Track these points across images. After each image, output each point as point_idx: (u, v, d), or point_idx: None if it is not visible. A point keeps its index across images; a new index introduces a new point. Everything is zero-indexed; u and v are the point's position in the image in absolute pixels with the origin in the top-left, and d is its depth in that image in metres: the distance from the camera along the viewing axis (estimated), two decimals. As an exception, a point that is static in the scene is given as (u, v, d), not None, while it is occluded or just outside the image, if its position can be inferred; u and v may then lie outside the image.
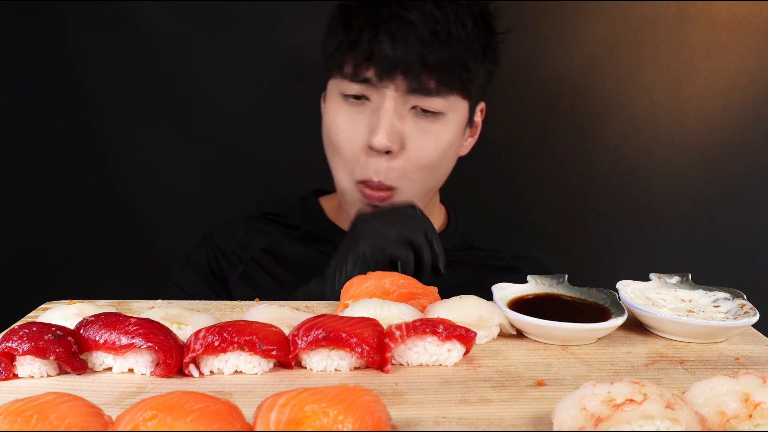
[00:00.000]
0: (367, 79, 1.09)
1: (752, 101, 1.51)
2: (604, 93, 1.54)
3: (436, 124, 1.13)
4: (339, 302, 0.93)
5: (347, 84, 1.11)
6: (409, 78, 1.08)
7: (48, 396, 0.60)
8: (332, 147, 1.15)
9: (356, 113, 1.12)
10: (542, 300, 0.92)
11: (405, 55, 1.06)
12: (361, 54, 1.08)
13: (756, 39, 1.48)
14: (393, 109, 1.09)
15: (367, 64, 1.08)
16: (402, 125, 1.10)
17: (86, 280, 1.58)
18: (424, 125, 1.12)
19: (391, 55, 1.06)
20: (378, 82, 1.09)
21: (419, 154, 1.12)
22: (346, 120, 1.13)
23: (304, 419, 0.58)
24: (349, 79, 1.10)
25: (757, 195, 1.55)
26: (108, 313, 0.77)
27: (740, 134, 1.52)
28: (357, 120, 1.12)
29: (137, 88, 1.51)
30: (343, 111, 1.13)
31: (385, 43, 1.06)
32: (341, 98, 1.13)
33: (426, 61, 1.07)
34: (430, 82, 1.09)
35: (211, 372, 0.75)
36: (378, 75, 1.08)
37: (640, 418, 0.57)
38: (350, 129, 1.12)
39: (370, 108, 1.11)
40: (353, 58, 1.09)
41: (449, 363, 0.78)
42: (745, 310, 0.86)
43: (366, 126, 1.11)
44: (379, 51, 1.06)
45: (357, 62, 1.09)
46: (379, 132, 1.08)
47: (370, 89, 1.10)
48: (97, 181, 1.54)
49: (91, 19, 1.46)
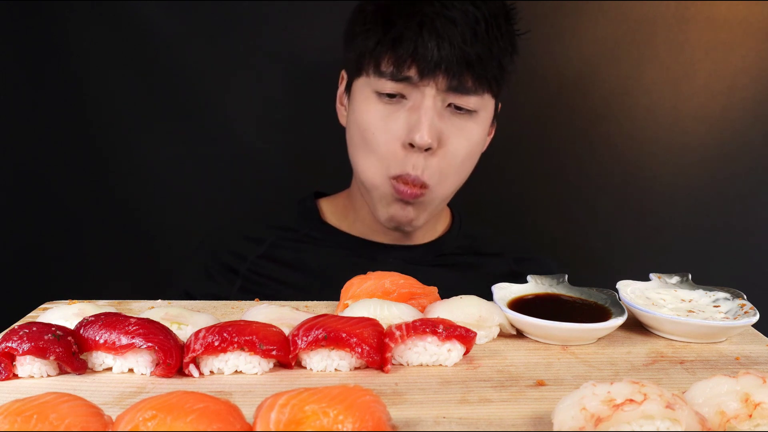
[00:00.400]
0: (408, 77, 1.08)
1: (752, 101, 1.51)
2: (604, 93, 1.54)
3: (470, 122, 1.13)
4: (339, 302, 0.93)
5: (384, 82, 1.09)
6: (450, 76, 1.07)
7: (48, 396, 0.60)
8: (364, 144, 1.13)
9: (393, 111, 1.11)
10: (542, 300, 0.92)
11: (448, 53, 1.06)
12: (405, 52, 1.07)
13: (756, 39, 1.48)
14: (432, 107, 1.09)
15: (410, 63, 1.07)
16: (440, 123, 1.10)
17: (86, 280, 1.58)
18: (459, 123, 1.12)
19: (436, 54, 1.05)
20: (419, 80, 1.08)
21: (455, 152, 1.13)
22: (381, 118, 1.11)
23: (304, 419, 0.58)
24: (389, 77, 1.09)
25: (757, 195, 1.55)
26: (108, 313, 0.78)
27: (740, 134, 1.52)
28: (394, 118, 1.11)
29: (137, 89, 1.51)
30: (378, 109, 1.11)
31: (430, 41, 1.05)
32: (376, 96, 1.11)
33: (468, 60, 1.07)
34: (468, 81, 1.09)
35: (211, 372, 0.75)
36: (420, 73, 1.07)
37: (640, 418, 0.57)
38: (386, 127, 1.11)
39: (407, 106, 1.10)
40: (395, 56, 1.08)
41: (449, 363, 0.78)
42: (745, 310, 0.86)
43: (404, 123, 1.10)
44: (423, 49, 1.06)
45: (399, 60, 1.07)
46: (421, 129, 1.07)
47: (409, 88, 1.09)
48: (97, 180, 1.54)
49: (91, 19, 1.46)
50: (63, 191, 1.54)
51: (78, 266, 1.57)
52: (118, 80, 1.50)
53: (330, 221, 1.29)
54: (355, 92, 1.16)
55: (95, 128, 1.53)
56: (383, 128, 1.11)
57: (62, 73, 1.49)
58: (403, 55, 1.07)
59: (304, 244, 1.26)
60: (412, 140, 1.08)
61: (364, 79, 1.13)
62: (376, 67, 1.10)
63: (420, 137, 1.07)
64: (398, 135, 1.10)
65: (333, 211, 1.31)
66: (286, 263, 1.24)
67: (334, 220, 1.30)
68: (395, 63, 1.08)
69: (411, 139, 1.08)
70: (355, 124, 1.15)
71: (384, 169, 1.12)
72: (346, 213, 1.29)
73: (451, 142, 1.12)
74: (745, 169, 1.54)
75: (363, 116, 1.13)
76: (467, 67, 1.08)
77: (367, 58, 1.11)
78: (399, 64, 1.08)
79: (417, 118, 1.08)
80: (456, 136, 1.12)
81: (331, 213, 1.31)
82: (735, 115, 1.52)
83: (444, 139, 1.11)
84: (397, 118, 1.10)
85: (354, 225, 1.28)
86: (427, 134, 1.07)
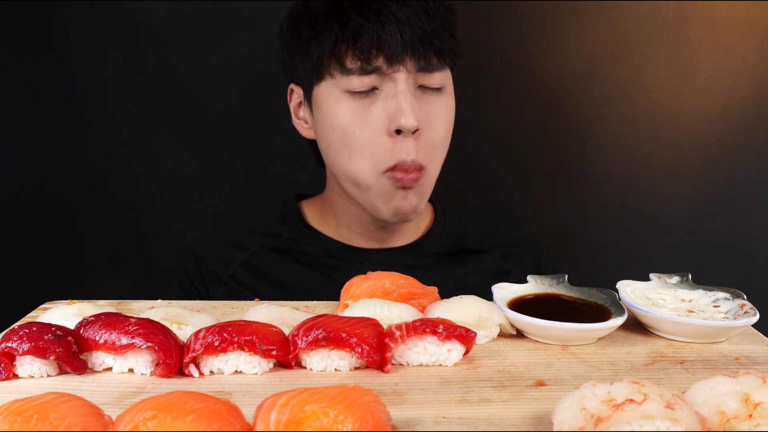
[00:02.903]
0: (378, 68, 1.07)
1: (752, 101, 1.51)
2: (604, 93, 1.54)
3: (441, 97, 1.14)
4: (339, 302, 0.93)
5: (353, 79, 1.08)
6: (416, 57, 1.08)
7: (48, 396, 0.60)
8: (346, 146, 1.12)
9: (368, 105, 1.10)
10: (542, 300, 0.92)
11: (411, 36, 1.06)
12: (369, 44, 1.06)
13: (756, 39, 1.48)
14: (407, 89, 1.08)
15: (376, 53, 1.06)
16: (417, 104, 1.10)
17: (86, 280, 1.58)
18: (432, 101, 1.13)
19: (400, 39, 1.05)
20: (388, 68, 1.07)
21: (436, 129, 1.13)
22: (358, 115, 1.10)
23: (304, 419, 0.58)
24: (358, 72, 1.08)
25: (757, 195, 1.55)
26: (108, 313, 0.78)
27: (740, 134, 1.52)
28: (370, 111, 1.10)
29: (138, 89, 1.51)
30: (352, 107, 1.10)
31: (391, 27, 1.05)
32: (347, 96, 1.10)
33: (428, 38, 1.07)
34: (433, 58, 1.10)
35: (211, 372, 0.75)
36: (388, 61, 1.07)
37: (640, 418, 0.57)
38: (365, 122, 1.10)
39: (381, 96, 1.09)
40: (359, 50, 1.07)
41: (449, 363, 0.78)
42: (745, 310, 0.86)
43: (383, 114, 1.09)
44: (387, 37, 1.05)
45: (365, 53, 1.06)
46: (405, 113, 1.07)
47: (379, 78, 1.08)
48: (97, 180, 1.54)
49: (89, 18, 1.46)
50: (63, 191, 1.54)
51: (78, 266, 1.57)
52: (119, 80, 1.50)
53: (311, 224, 1.29)
54: (320, 98, 1.13)
55: (95, 128, 1.53)
56: (363, 124, 1.10)
57: (62, 73, 1.49)
58: (368, 47, 1.06)
59: (284, 255, 1.25)
60: (399, 126, 1.07)
61: (329, 82, 1.11)
62: (341, 65, 1.09)
63: (406, 120, 1.07)
64: (380, 126, 1.09)
65: (313, 215, 1.30)
66: (265, 275, 1.23)
67: (315, 223, 1.29)
68: (361, 57, 1.07)
69: (397, 125, 1.07)
70: (331, 129, 1.13)
71: (375, 164, 1.11)
72: (326, 217, 1.28)
73: (431, 121, 1.12)
74: (745, 169, 1.54)
75: (338, 119, 1.11)
76: (430, 45, 1.08)
77: (328, 59, 1.09)
78: (365, 57, 1.07)
79: (396, 104, 1.08)
80: (433, 114, 1.12)
81: (312, 216, 1.30)
82: (735, 115, 1.52)
83: (424, 120, 1.11)
84: (374, 110, 1.10)
85: (336, 229, 1.27)
86: (412, 116, 1.07)
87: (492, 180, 1.59)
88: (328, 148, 1.16)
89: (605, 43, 1.51)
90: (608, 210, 1.58)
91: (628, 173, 1.56)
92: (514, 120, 1.56)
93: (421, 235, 1.29)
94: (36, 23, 1.46)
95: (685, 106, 1.52)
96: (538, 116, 1.55)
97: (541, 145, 1.57)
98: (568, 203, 1.59)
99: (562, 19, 1.50)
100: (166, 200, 1.57)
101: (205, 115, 1.53)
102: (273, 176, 1.56)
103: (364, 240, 1.26)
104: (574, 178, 1.58)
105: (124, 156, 1.54)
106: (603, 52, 1.52)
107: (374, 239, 1.26)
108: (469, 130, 1.35)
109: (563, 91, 1.54)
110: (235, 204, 1.57)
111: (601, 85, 1.53)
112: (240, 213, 1.57)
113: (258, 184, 1.57)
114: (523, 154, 1.58)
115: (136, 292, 1.51)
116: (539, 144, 1.57)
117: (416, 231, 1.29)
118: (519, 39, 1.51)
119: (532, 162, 1.58)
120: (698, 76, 1.51)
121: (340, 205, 1.24)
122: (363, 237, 1.26)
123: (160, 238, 1.58)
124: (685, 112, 1.53)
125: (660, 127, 1.54)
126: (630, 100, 1.53)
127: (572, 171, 1.58)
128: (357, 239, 1.26)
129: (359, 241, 1.26)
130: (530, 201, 1.60)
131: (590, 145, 1.56)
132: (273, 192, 1.47)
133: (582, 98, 1.54)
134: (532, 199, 1.60)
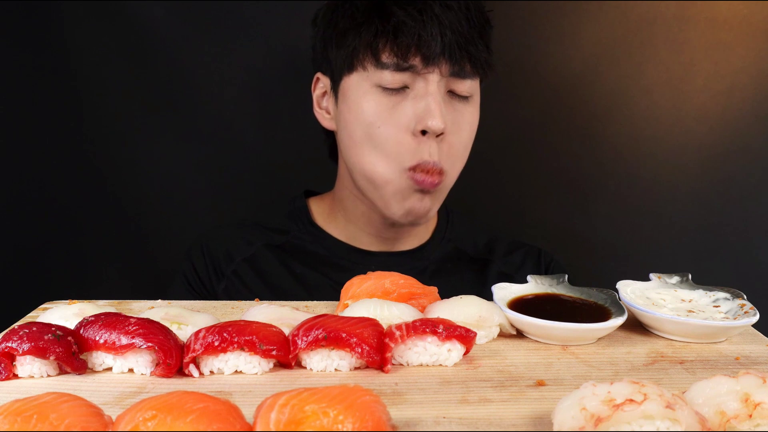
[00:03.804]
0: (413, 66, 1.07)
1: (752, 101, 1.51)
2: (604, 93, 1.54)
3: (468, 106, 1.14)
4: (339, 302, 0.93)
5: (386, 74, 1.08)
6: (452, 62, 1.08)
7: (48, 396, 0.60)
8: (369, 140, 1.11)
9: (397, 102, 1.09)
10: (542, 300, 0.92)
11: (450, 39, 1.06)
12: (408, 41, 1.06)
13: (756, 39, 1.48)
14: (438, 92, 1.09)
15: (414, 51, 1.06)
16: (445, 108, 1.10)
17: (86, 280, 1.58)
18: (459, 108, 1.13)
19: (440, 41, 1.05)
20: (423, 68, 1.07)
21: (460, 136, 1.13)
22: (386, 110, 1.09)
23: (304, 419, 0.58)
24: (393, 68, 1.08)
25: (757, 195, 1.55)
26: (108, 313, 0.78)
27: (740, 134, 1.52)
28: (399, 108, 1.09)
29: (137, 88, 1.51)
30: (382, 102, 1.10)
31: (433, 28, 1.05)
32: (377, 90, 1.10)
33: (466, 44, 1.07)
34: (467, 65, 1.10)
35: (211, 372, 0.75)
36: (425, 61, 1.07)
37: (640, 418, 0.57)
38: (393, 118, 1.09)
39: (410, 95, 1.09)
40: (397, 46, 1.06)
41: (449, 363, 0.78)
42: (745, 310, 0.86)
43: (410, 113, 1.09)
44: (427, 37, 1.05)
45: (402, 50, 1.06)
46: (434, 114, 1.06)
47: (412, 77, 1.08)
48: (97, 180, 1.54)
49: (89, 18, 1.46)
50: (63, 191, 1.54)
51: (78, 266, 1.57)
52: (118, 80, 1.50)
53: (318, 222, 1.29)
54: (349, 89, 1.13)
55: (95, 128, 1.53)
56: (390, 120, 1.09)
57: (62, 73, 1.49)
58: (407, 44, 1.06)
59: (288, 254, 1.25)
60: (426, 126, 1.07)
61: (360, 74, 1.11)
62: (376, 59, 1.08)
63: (433, 122, 1.06)
64: (407, 125, 1.09)
65: (320, 212, 1.30)
66: (266, 273, 1.23)
67: (321, 221, 1.29)
68: (398, 53, 1.07)
69: (424, 126, 1.07)
70: (356, 122, 1.12)
71: (397, 162, 1.10)
72: (334, 214, 1.28)
73: (456, 127, 1.12)
74: (745, 169, 1.54)
75: (366, 112, 1.11)
76: (466, 52, 1.08)
77: (364, 51, 1.09)
78: (403, 54, 1.07)
79: (425, 105, 1.07)
80: (459, 121, 1.13)
81: (319, 214, 1.30)
82: (735, 115, 1.52)
83: (450, 125, 1.11)
84: (402, 107, 1.09)
85: (343, 228, 1.27)
86: (440, 119, 1.07)
87: (492, 180, 1.59)
88: (349, 140, 1.15)
89: (605, 43, 1.51)
90: (608, 210, 1.58)
91: (628, 173, 1.56)
92: (514, 120, 1.56)
93: (427, 239, 1.29)
94: (36, 23, 1.46)
95: (685, 106, 1.52)
96: (538, 116, 1.56)
97: (541, 145, 1.57)
98: (568, 203, 1.59)
99: (562, 19, 1.50)
100: (166, 200, 1.57)
101: (205, 114, 1.53)
102: (277, 173, 1.56)
103: (372, 240, 1.25)
104: (574, 178, 1.58)
105: (124, 156, 1.54)
106: (603, 52, 1.52)
107: (382, 240, 1.25)
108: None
109: (563, 91, 1.54)
110: (235, 204, 1.57)
111: (601, 85, 1.53)
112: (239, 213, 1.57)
113: (261, 181, 1.57)
114: (523, 154, 1.58)
115: (136, 292, 1.52)
116: (539, 144, 1.57)
117: (424, 234, 1.29)
118: (519, 39, 1.51)
119: (532, 162, 1.58)
120: (698, 76, 1.51)
121: (350, 203, 1.24)
122: (371, 237, 1.25)
123: (161, 237, 1.57)
124: (685, 112, 1.53)
125: (660, 127, 1.54)
126: (630, 100, 1.53)
127: (572, 171, 1.58)
128: (364, 239, 1.26)
129: (366, 242, 1.26)
130: (530, 201, 1.60)
131: (590, 145, 1.56)
132: (277, 189, 1.47)
133: (582, 98, 1.54)
134: (532, 199, 1.60)
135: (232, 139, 1.55)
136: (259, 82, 1.51)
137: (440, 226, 1.31)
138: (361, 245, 1.26)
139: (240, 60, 1.51)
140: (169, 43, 1.49)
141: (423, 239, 1.29)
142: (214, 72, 1.51)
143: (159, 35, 1.48)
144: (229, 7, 1.48)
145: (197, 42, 1.49)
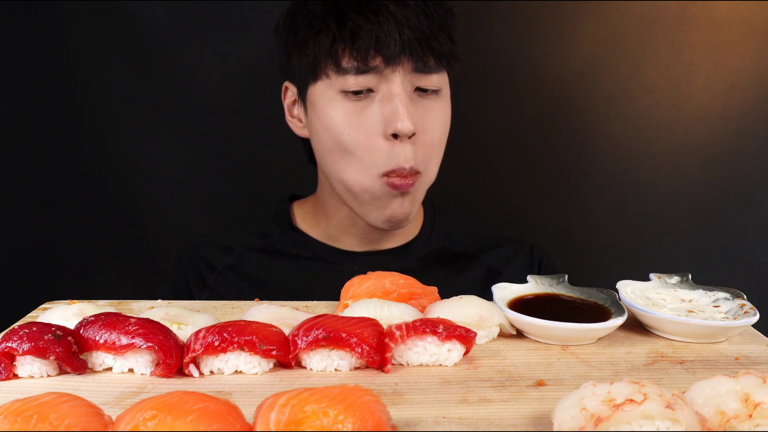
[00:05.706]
0: (374, 68, 1.06)
1: (752, 101, 1.51)
2: (604, 93, 1.54)
3: (438, 101, 1.13)
4: (339, 302, 0.93)
5: (348, 79, 1.07)
6: (414, 59, 1.06)
7: (48, 396, 0.61)
8: (340, 149, 1.10)
9: (363, 107, 1.08)
10: (542, 300, 0.92)
11: (410, 36, 1.05)
12: (367, 43, 1.04)
13: (756, 39, 1.48)
14: (404, 92, 1.07)
15: (374, 53, 1.05)
16: (413, 107, 1.09)
17: (86, 280, 1.58)
18: (428, 104, 1.11)
19: (398, 39, 1.04)
20: (385, 68, 1.06)
21: (433, 133, 1.12)
22: (354, 117, 1.08)
23: (304, 419, 0.58)
24: (354, 72, 1.06)
25: (757, 195, 1.55)
26: (108, 313, 0.78)
27: (740, 134, 1.52)
28: (366, 113, 1.08)
29: (136, 88, 1.51)
30: (347, 109, 1.08)
31: (390, 27, 1.04)
32: (342, 96, 1.08)
33: (426, 39, 1.06)
34: (430, 60, 1.08)
35: (211, 372, 0.75)
36: (386, 61, 1.05)
37: (640, 418, 0.57)
38: (361, 124, 1.08)
39: (376, 99, 1.08)
40: (356, 50, 1.05)
41: (449, 363, 0.78)
42: (745, 310, 0.86)
43: (378, 117, 1.07)
44: (386, 37, 1.04)
45: (362, 53, 1.05)
46: (402, 117, 1.05)
47: (375, 79, 1.07)
48: (97, 180, 1.54)
49: (88, 18, 1.46)
50: (63, 191, 1.54)
51: (78, 266, 1.57)
52: (118, 80, 1.50)
53: (300, 226, 1.28)
54: (315, 98, 1.12)
55: (95, 128, 1.53)
56: (359, 126, 1.08)
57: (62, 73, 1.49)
58: (366, 47, 1.05)
59: (270, 256, 1.25)
60: (395, 130, 1.06)
61: (325, 82, 1.10)
62: (337, 65, 1.07)
63: (402, 125, 1.05)
64: (376, 129, 1.08)
65: (303, 216, 1.29)
66: (250, 277, 1.23)
67: (304, 225, 1.28)
68: (357, 57, 1.06)
69: (393, 129, 1.06)
70: (325, 131, 1.11)
71: (371, 168, 1.09)
72: (317, 218, 1.27)
73: (427, 124, 1.11)
74: (745, 169, 1.54)
75: (333, 120, 1.09)
76: (428, 47, 1.07)
77: (325, 58, 1.08)
78: (362, 57, 1.05)
79: (393, 108, 1.06)
80: (430, 118, 1.11)
81: (302, 218, 1.29)
82: (735, 115, 1.52)
83: (420, 123, 1.09)
84: (370, 112, 1.08)
85: (326, 230, 1.26)
86: (408, 120, 1.06)
87: (492, 180, 1.59)
88: (322, 148, 1.15)
89: (605, 43, 1.51)
90: (608, 210, 1.58)
91: (628, 173, 1.56)
92: (514, 120, 1.56)
93: (413, 237, 1.28)
94: (36, 23, 1.46)
95: (685, 106, 1.52)
96: (538, 116, 1.55)
97: (541, 145, 1.57)
98: (567, 203, 1.59)
99: (562, 19, 1.50)
100: (166, 200, 1.57)
101: (205, 115, 1.53)
102: (273, 175, 1.56)
103: (355, 241, 1.25)
104: (574, 178, 1.58)
105: (123, 156, 1.54)
106: (603, 52, 1.52)
107: (365, 240, 1.25)
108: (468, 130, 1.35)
109: (563, 91, 1.54)
110: (235, 204, 1.57)
111: (601, 85, 1.53)
112: (239, 213, 1.57)
113: (258, 183, 1.57)
114: (523, 154, 1.58)
115: (136, 292, 1.52)
116: (539, 144, 1.57)
117: (408, 233, 1.28)
118: (519, 39, 1.51)
119: (531, 162, 1.58)
120: (698, 76, 1.51)
121: (332, 206, 1.23)
122: (354, 238, 1.25)
123: (160, 238, 1.57)
124: (685, 112, 1.53)
125: (660, 127, 1.54)
126: (630, 100, 1.53)
127: (572, 171, 1.58)
128: (347, 240, 1.25)
129: (350, 243, 1.25)
130: (530, 201, 1.60)
131: (590, 145, 1.56)
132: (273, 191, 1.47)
133: (582, 98, 1.54)
134: (532, 200, 1.60)
135: (233, 139, 1.55)
136: (259, 82, 1.51)
137: (427, 223, 1.30)
138: (345, 246, 1.25)
139: (240, 60, 1.51)
140: (169, 43, 1.49)
141: (409, 237, 1.28)
142: (214, 72, 1.51)
143: (159, 35, 1.48)
144: (229, 7, 1.48)
145: (197, 42, 1.49)
